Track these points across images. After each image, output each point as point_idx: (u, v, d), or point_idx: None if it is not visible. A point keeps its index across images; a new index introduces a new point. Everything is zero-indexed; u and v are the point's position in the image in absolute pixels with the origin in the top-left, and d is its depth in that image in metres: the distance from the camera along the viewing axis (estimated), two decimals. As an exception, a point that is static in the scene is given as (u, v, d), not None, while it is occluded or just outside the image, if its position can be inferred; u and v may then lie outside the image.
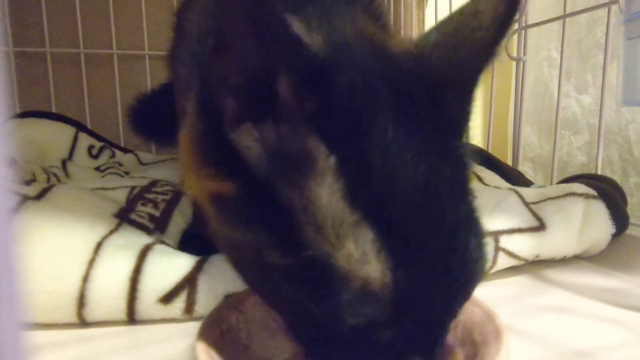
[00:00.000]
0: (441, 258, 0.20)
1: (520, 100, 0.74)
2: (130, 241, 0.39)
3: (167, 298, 0.35)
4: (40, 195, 0.41)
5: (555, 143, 0.62)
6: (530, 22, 0.71)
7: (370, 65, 0.21)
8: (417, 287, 0.19)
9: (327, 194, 0.19)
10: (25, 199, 0.40)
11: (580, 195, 0.47)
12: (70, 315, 0.34)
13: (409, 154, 0.19)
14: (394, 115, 0.20)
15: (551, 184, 0.61)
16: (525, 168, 0.87)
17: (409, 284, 0.19)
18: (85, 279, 0.34)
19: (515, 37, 0.73)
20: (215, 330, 0.25)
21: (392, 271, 0.18)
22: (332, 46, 0.21)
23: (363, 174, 0.19)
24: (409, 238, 0.19)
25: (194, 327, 0.25)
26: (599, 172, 0.57)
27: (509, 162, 0.77)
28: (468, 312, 0.28)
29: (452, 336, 0.28)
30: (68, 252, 0.36)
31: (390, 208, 0.19)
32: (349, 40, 0.22)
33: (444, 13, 0.83)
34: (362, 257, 0.18)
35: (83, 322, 0.35)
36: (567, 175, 0.62)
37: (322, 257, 0.19)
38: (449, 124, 0.22)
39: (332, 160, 0.19)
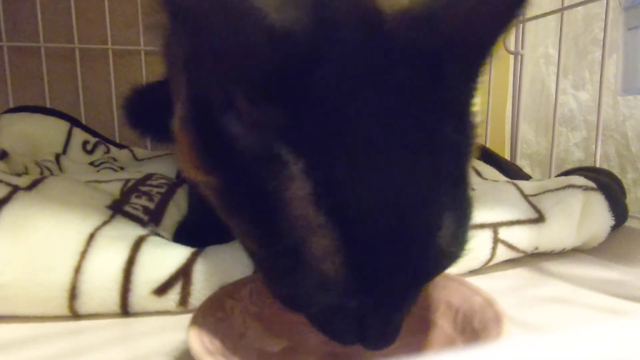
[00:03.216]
0: (397, 260, 0.20)
1: (519, 94, 0.74)
2: (124, 232, 0.38)
3: (161, 290, 0.35)
4: (31, 186, 0.40)
5: (552, 139, 0.62)
6: (527, 16, 0.71)
7: (355, 44, 0.19)
8: (369, 285, 0.21)
9: (296, 196, 0.19)
10: (16, 189, 0.39)
11: (579, 187, 0.47)
12: (62, 308, 0.34)
13: (380, 156, 0.19)
14: (372, 110, 0.19)
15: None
16: (522, 165, 0.86)
17: (361, 280, 0.20)
18: (77, 270, 0.34)
19: (513, 31, 0.72)
20: (209, 318, 0.25)
21: (346, 268, 0.20)
22: (311, 30, 0.18)
23: (329, 179, 0.19)
24: (366, 239, 0.20)
25: (188, 319, 0.24)
26: (597, 168, 0.57)
27: (507, 158, 0.76)
28: (468, 301, 0.27)
29: (452, 325, 0.27)
30: (60, 243, 0.35)
31: (352, 212, 0.19)
32: (334, 13, 0.19)
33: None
34: (322, 255, 0.19)
35: (75, 315, 0.34)
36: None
37: (291, 251, 0.20)
38: (446, 103, 0.20)
39: (300, 165, 0.19)
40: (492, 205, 0.45)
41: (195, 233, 0.41)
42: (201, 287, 0.35)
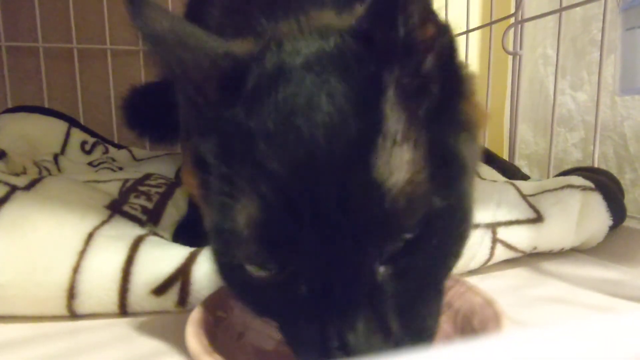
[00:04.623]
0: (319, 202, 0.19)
1: (517, 94, 0.74)
2: (122, 232, 0.38)
3: (160, 290, 0.35)
4: (30, 186, 0.40)
5: (551, 140, 0.62)
6: (526, 17, 0.71)
7: (295, 54, 0.23)
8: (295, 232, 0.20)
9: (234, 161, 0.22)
10: (14, 189, 0.39)
11: (578, 187, 0.47)
12: (60, 307, 0.34)
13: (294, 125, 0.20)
14: (292, 89, 0.21)
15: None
16: (520, 165, 0.86)
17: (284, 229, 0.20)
18: (76, 269, 0.34)
19: (512, 31, 0.73)
20: (209, 317, 0.25)
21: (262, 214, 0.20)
22: (255, 50, 0.24)
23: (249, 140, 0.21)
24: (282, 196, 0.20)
25: (187, 319, 0.24)
26: (595, 168, 0.57)
27: (506, 159, 0.77)
28: (468, 301, 0.27)
29: (452, 325, 0.27)
30: (58, 242, 0.35)
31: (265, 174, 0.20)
32: (282, 38, 0.24)
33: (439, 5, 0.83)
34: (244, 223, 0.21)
35: (73, 315, 0.34)
36: (562, 172, 0.62)
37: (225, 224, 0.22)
38: (371, 76, 0.21)
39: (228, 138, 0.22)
40: (490, 205, 0.46)
41: (194, 233, 0.41)
42: (200, 287, 0.35)
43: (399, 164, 0.20)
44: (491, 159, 0.68)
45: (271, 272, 0.21)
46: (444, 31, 0.24)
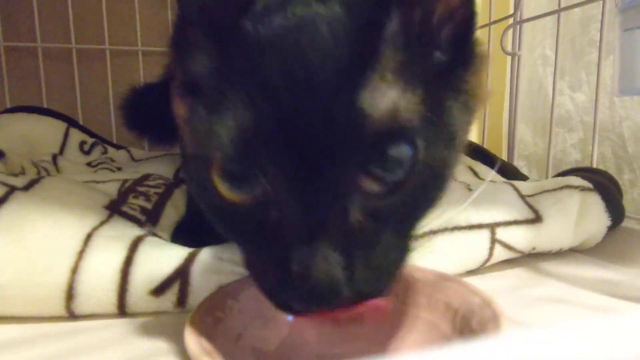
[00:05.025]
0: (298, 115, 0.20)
1: (516, 95, 0.74)
2: (121, 233, 0.38)
3: (159, 290, 0.35)
4: (28, 186, 0.40)
5: (550, 140, 0.62)
6: (525, 17, 0.71)
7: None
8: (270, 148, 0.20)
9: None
10: (13, 189, 0.39)
11: (576, 187, 0.47)
12: (59, 308, 0.33)
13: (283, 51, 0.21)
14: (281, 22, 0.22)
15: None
16: (519, 166, 0.87)
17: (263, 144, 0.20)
18: (75, 270, 0.34)
19: (510, 32, 0.73)
20: (207, 318, 0.25)
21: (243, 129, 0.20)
22: None
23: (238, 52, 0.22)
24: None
25: (186, 320, 0.24)
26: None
27: (505, 159, 0.77)
28: (467, 301, 0.27)
29: (451, 326, 0.27)
30: (57, 243, 0.35)
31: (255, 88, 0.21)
32: None
33: None
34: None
35: (72, 315, 0.34)
36: (561, 173, 0.62)
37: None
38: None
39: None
40: (489, 205, 0.46)
41: (193, 233, 0.41)
42: (199, 288, 0.35)
43: (385, 99, 0.20)
44: (490, 159, 0.68)
45: (245, 194, 0.21)
46: (466, 3, 0.25)
